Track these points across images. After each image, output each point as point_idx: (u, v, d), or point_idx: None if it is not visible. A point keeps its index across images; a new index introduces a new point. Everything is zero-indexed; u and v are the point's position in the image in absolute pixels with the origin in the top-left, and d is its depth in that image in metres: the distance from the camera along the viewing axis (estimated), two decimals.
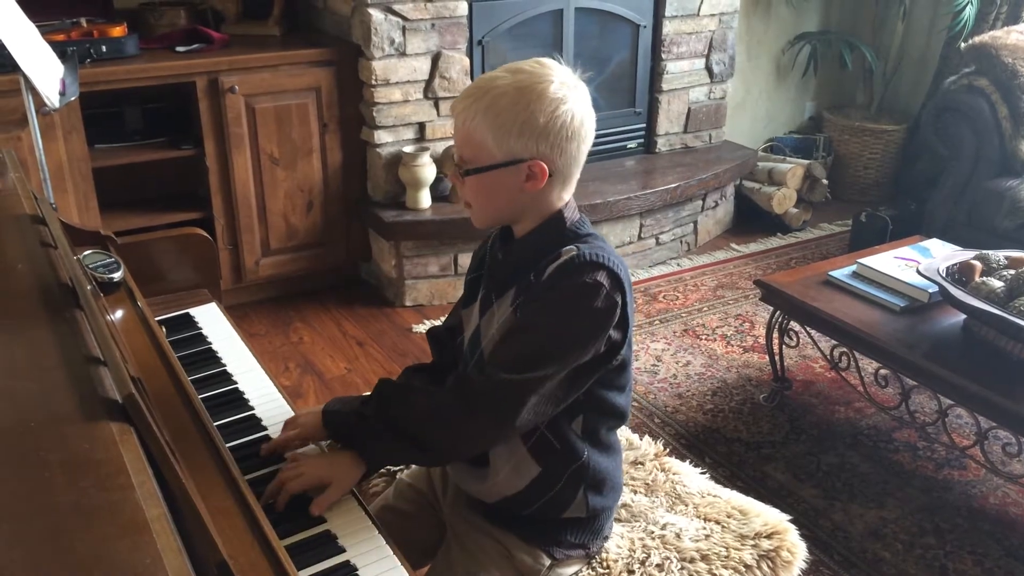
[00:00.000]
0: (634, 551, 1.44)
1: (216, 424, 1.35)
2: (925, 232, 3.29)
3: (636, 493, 1.60)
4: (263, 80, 3.08)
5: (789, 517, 1.53)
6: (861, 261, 2.60)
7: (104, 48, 2.91)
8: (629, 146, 3.95)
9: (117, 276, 1.57)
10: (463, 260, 3.35)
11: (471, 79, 3.34)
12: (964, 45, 3.62)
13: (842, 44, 4.47)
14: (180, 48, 3.08)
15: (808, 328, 2.62)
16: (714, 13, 3.92)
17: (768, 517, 1.52)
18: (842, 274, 2.60)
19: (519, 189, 1.29)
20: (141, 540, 0.74)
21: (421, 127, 3.34)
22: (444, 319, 1.60)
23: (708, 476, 1.68)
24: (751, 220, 4.17)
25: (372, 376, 2.92)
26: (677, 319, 3.32)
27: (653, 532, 1.48)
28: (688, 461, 1.75)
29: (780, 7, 4.45)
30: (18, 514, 0.76)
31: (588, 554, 1.43)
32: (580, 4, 3.55)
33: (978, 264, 2.29)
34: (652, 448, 1.72)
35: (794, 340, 2.71)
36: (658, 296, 3.50)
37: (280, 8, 3.35)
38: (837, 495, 2.37)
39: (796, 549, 1.48)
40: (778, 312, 2.67)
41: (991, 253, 2.32)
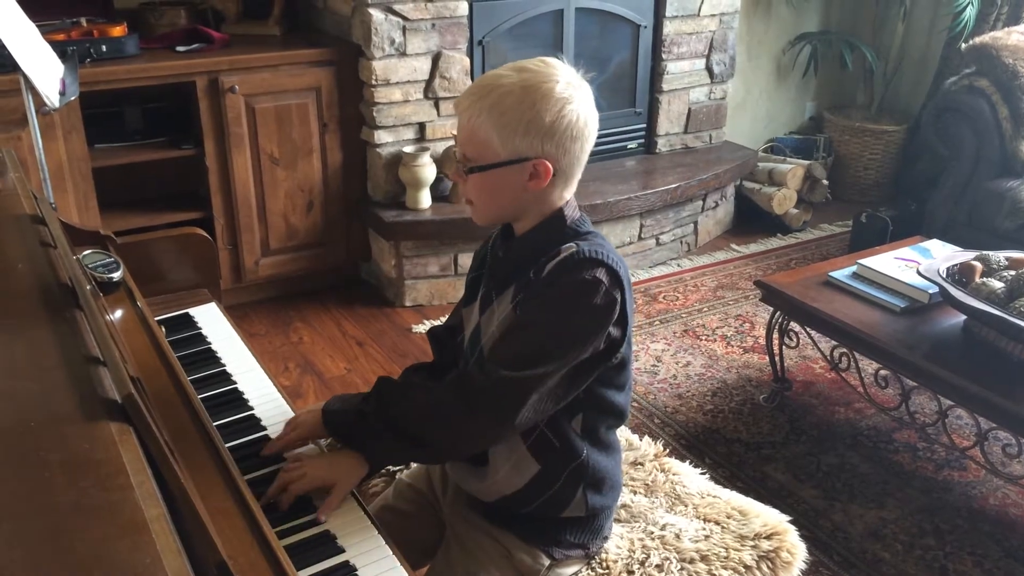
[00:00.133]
0: (634, 551, 1.44)
1: (216, 424, 1.35)
2: (925, 233, 3.29)
3: (636, 493, 1.60)
4: (263, 80, 3.08)
5: (789, 518, 1.53)
6: (861, 262, 2.60)
7: (104, 48, 2.91)
8: (629, 146, 3.95)
9: (117, 276, 1.57)
10: (463, 260, 3.35)
11: (471, 79, 3.34)
12: (965, 46, 3.62)
13: (842, 44, 4.47)
14: (180, 48, 3.08)
15: (808, 329, 2.62)
16: (714, 13, 3.92)
17: (768, 518, 1.52)
18: (842, 275, 2.60)
19: (522, 188, 1.29)
20: (141, 540, 0.74)
21: (421, 127, 3.34)
22: (445, 319, 1.59)
23: (708, 477, 1.68)
24: (751, 221, 4.17)
25: (372, 376, 2.92)
26: (677, 319, 3.32)
27: (653, 532, 1.48)
28: (688, 462, 1.75)
29: (780, 7, 4.45)
30: (18, 514, 0.76)
31: (588, 554, 1.43)
32: (580, 4, 3.54)
33: (978, 265, 2.29)
34: (652, 448, 1.72)
35: (794, 341, 2.71)
36: (658, 296, 3.50)
37: (280, 8, 3.35)
38: (837, 496, 2.37)
39: (796, 550, 1.48)
40: (778, 313, 2.67)
41: (991, 254, 2.32)
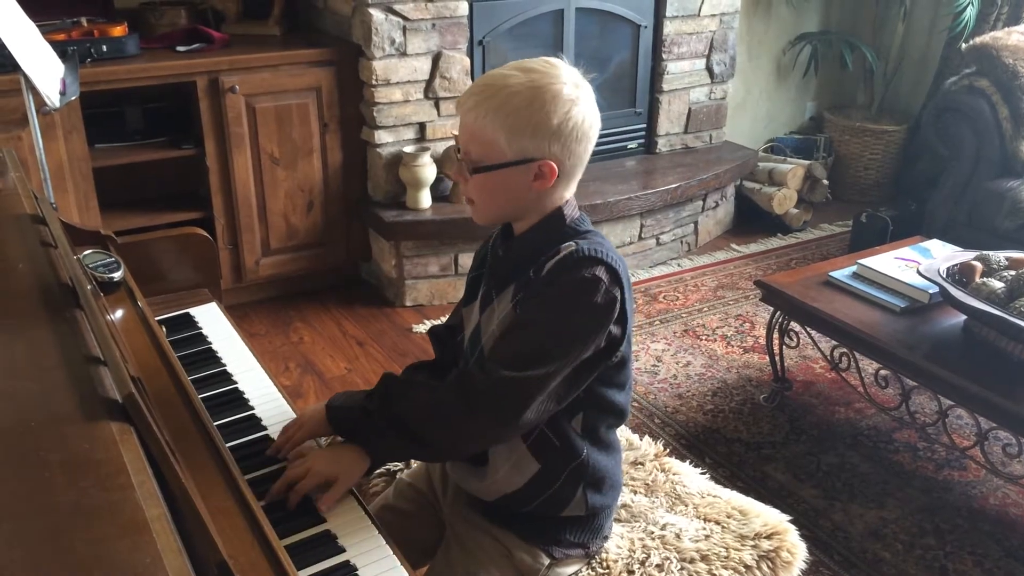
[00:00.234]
0: (634, 551, 1.44)
1: (216, 424, 1.35)
2: (925, 233, 3.29)
3: (636, 493, 1.60)
4: (263, 80, 3.08)
5: (789, 517, 1.53)
6: (861, 262, 2.60)
7: (105, 48, 2.91)
8: (630, 146, 3.95)
9: (117, 276, 1.57)
10: (463, 260, 3.35)
11: (472, 79, 3.34)
12: (965, 46, 3.62)
13: (843, 44, 4.47)
14: (180, 48, 3.08)
15: (808, 329, 2.62)
16: (715, 13, 3.92)
17: (768, 517, 1.52)
18: (842, 275, 2.60)
19: (527, 188, 1.29)
20: (141, 540, 0.74)
21: (422, 127, 3.34)
22: (446, 318, 1.59)
23: (708, 476, 1.68)
24: (751, 220, 4.17)
25: (372, 376, 2.92)
26: (677, 319, 3.32)
27: (653, 532, 1.48)
28: (688, 461, 1.75)
29: (781, 7, 4.45)
30: (18, 514, 0.76)
31: (588, 553, 1.43)
32: (581, 4, 3.54)
33: (978, 265, 2.29)
34: (652, 448, 1.72)
35: (794, 340, 2.71)
36: (658, 296, 3.50)
37: (280, 8, 3.35)
38: (837, 495, 2.37)
39: (796, 549, 1.48)
40: (778, 312, 2.67)
41: (991, 254, 2.32)
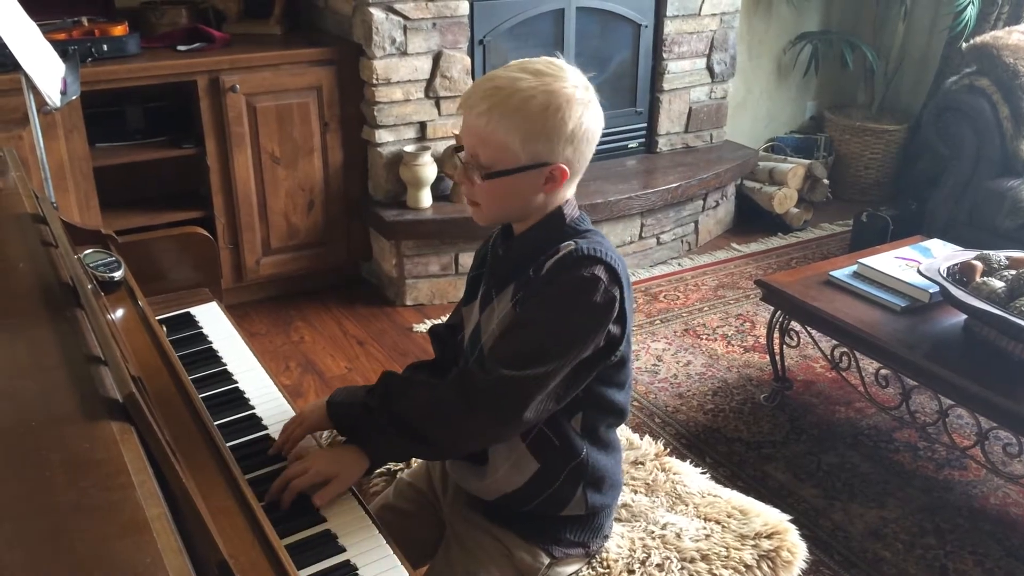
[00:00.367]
0: (634, 551, 1.44)
1: (217, 423, 1.35)
2: (926, 232, 3.29)
3: (636, 493, 1.60)
4: (264, 79, 3.08)
5: (789, 517, 1.53)
6: (862, 261, 2.60)
7: (105, 47, 2.91)
8: (630, 146, 3.95)
9: (118, 275, 1.57)
10: (464, 259, 3.35)
11: (472, 79, 3.34)
12: (965, 45, 3.62)
13: (843, 44, 4.47)
14: (181, 47, 3.08)
15: (809, 328, 2.62)
16: (715, 13, 3.91)
17: (768, 517, 1.52)
18: (843, 274, 2.60)
19: (536, 191, 1.29)
20: (141, 540, 0.74)
21: (422, 126, 3.34)
22: (446, 317, 1.59)
23: (708, 476, 1.68)
24: (752, 220, 4.17)
25: (372, 375, 2.92)
26: (678, 319, 3.32)
27: (653, 532, 1.48)
28: (688, 461, 1.75)
29: (781, 7, 4.45)
30: (18, 514, 0.76)
31: (588, 553, 1.43)
32: (581, 3, 3.54)
33: (979, 264, 2.29)
34: (652, 448, 1.72)
35: (795, 340, 2.71)
36: (659, 296, 3.50)
37: (281, 7, 3.35)
38: (837, 495, 2.37)
39: (796, 549, 1.48)
40: (779, 312, 2.67)
41: (992, 253, 2.32)
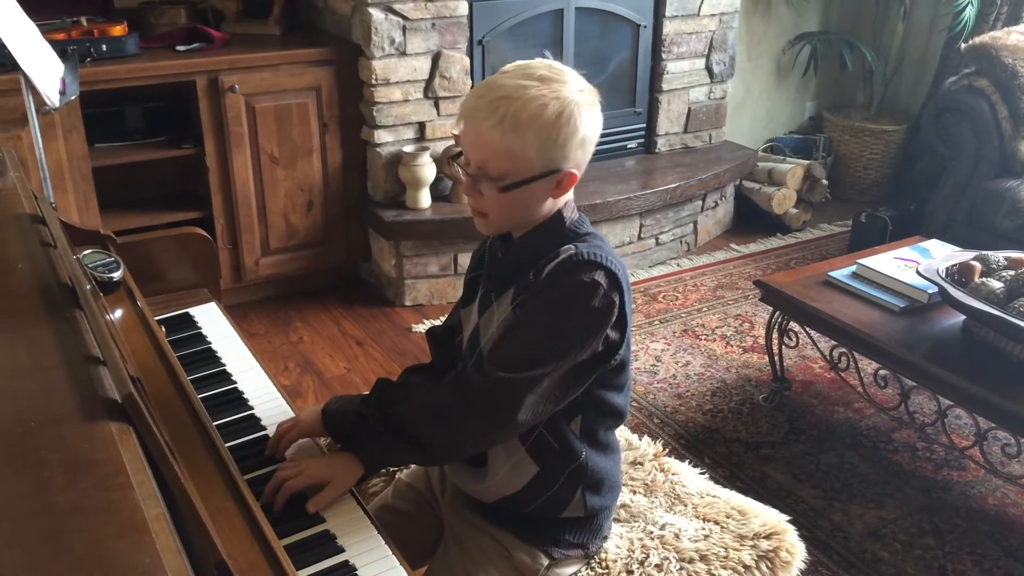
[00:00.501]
0: (633, 551, 1.44)
1: (215, 424, 1.35)
2: (925, 233, 3.29)
3: (635, 493, 1.60)
4: (263, 79, 3.08)
5: (788, 517, 1.53)
6: (861, 262, 2.60)
7: (104, 47, 2.91)
8: (629, 146, 3.95)
9: (117, 276, 1.57)
10: (463, 260, 3.35)
11: (471, 79, 3.34)
12: (964, 45, 3.62)
13: (842, 44, 4.47)
14: (180, 47, 3.08)
15: (808, 328, 2.62)
16: (714, 13, 3.92)
17: (767, 517, 1.52)
18: (842, 274, 2.61)
19: (546, 197, 1.29)
20: (140, 540, 0.74)
21: (421, 127, 3.34)
22: (444, 319, 1.59)
23: (707, 476, 1.68)
24: (751, 220, 4.17)
25: (371, 376, 2.92)
26: (677, 319, 3.32)
27: (652, 532, 1.48)
28: (687, 461, 1.75)
29: (780, 7, 4.45)
30: (18, 514, 0.76)
31: (587, 554, 1.43)
32: (580, 4, 3.54)
33: (978, 265, 2.29)
34: (651, 448, 1.72)
35: (793, 340, 2.71)
36: (658, 296, 3.50)
37: (280, 7, 3.35)
38: (836, 495, 2.37)
39: (795, 549, 1.48)
40: (778, 312, 2.67)
41: (991, 254, 2.32)
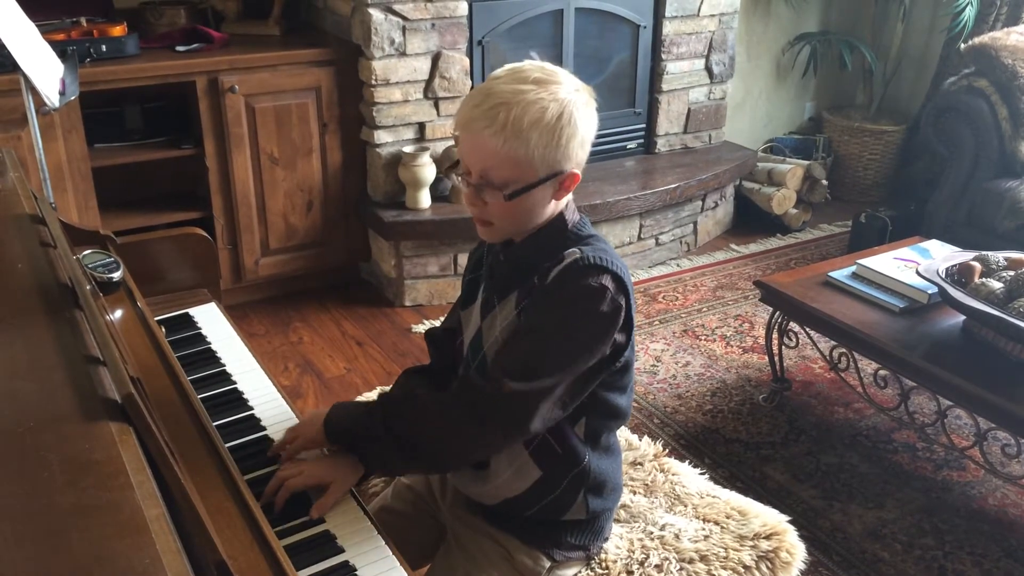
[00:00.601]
0: (633, 552, 1.44)
1: (215, 424, 1.35)
2: (924, 233, 3.29)
3: (635, 494, 1.60)
4: (263, 80, 3.08)
5: (788, 518, 1.53)
6: (860, 262, 2.60)
7: (104, 47, 2.91)
8: (629, 146, 3.95)
9: (116, 276, 1.57)
10: (463, 260, 3.35)
11: (471, 79, 3.34)
12: (964, 46, 3.62)
13: (842, 45, 4.47)
14: (180, 47, 3.08)
15: (807, 329, 2.62)
16: (714, 14, 3.92)
17: (767, 518, 1.52)
18: (841, 275, 2.61)
19: (549, 200, 1.28)
20: (140, 540, 0.74)
21: (421, 127, 3.34)
22: (442, 320, 1.59)
23: (707, 477, 1.68)
24: (751, 221, 4.17)
25: (371, 376, 2.92)
26: (677, 320, 3.32)
27: (652, 533, 1.48)
28: (687, 462, 1.75)
29: (780, 7, 4.45)
30: (18, 514, 0.76)
31: (588, 555, 1.43)
32: (580, 4, 3.54)
33: (977, 265, 2.29)
34: (651, 449, 1.72)
35: (793, 341, 2.71)
36: (658, 297, 3.50)
37: (280, 7, 3.35)
38: (836, 496, 2.37)
39: (795, 550, 1.48)
40: (777, 313, 2.67)
41: (990, 254, 2.33)
